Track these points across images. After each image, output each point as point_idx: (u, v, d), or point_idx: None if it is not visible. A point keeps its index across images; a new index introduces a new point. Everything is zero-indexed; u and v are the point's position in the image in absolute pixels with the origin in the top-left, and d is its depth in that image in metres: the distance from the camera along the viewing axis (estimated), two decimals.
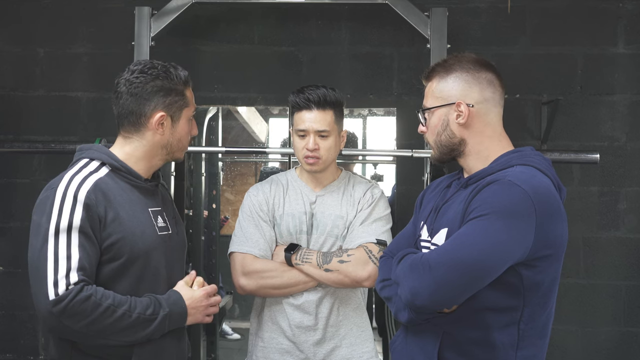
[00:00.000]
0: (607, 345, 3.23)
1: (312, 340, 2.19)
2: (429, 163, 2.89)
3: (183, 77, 1.85)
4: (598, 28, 3.23)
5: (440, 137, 1.70)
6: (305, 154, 2.19)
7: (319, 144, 2.18)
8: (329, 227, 2.22)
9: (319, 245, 2.22)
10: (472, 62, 1.69)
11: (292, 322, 2.19)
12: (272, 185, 2.30)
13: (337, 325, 2.21)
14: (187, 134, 1.90)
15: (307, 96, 2.18)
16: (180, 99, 1.85)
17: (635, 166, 3.23)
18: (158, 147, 1.85)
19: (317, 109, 2.18)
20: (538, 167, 1.62)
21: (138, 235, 1.76)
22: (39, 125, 3.32)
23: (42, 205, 1.72)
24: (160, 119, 1.82)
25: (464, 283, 1.51)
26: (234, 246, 2.23)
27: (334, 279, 2.14)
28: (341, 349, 2.20)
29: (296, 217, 2.23)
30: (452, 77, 1.68)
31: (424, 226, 1.75)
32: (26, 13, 3.33)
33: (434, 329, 1.63)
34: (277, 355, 2.20)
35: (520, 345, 1.58)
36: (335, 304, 2.21)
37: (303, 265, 2.16)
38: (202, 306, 1.85)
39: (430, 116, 1.71)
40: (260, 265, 2.18)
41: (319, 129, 2.18)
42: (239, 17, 3.30)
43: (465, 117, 1.65)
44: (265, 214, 2.24)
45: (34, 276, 1.67)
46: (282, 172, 2.38)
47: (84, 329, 1.66)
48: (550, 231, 1.54)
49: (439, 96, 1.69)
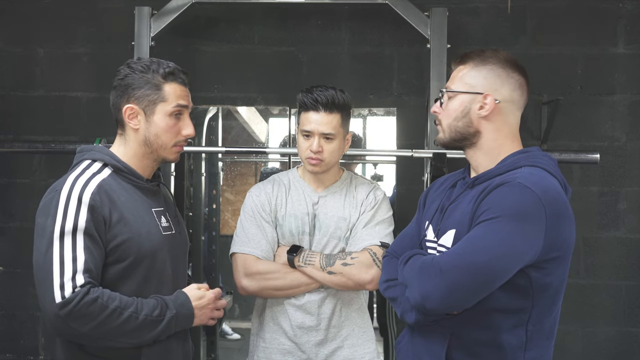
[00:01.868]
0: (607, 345, 3.23)
1: (314, 340, 2.19)
2: (429, 163, 2.88)
3: (162, 72, 1.80)
4: (598, 28, 3.23)
5: (458, 123, 1.67)
6: (308, 155, 2.18)
7: (323, 146, 2.17)
8: (331, 229, 2.21)
9: (321, 246, 2.21)
10: (509, 60, 1.68)
11: (294, 323, 2.19)
12: (274, 185, 2.28)
13: (339, 326, 2.20)
14: (165, 131, 1.81)
15: (315, 97, 2.15)
16: (154, 93, 1.79)
17: (635, 166, 3.24)
18: (139, 144, 1.82)
19: (324, 111, 2.15)
20: (546, 168, 1.61)
21: (144, 235, 1.76)
22: (39, 125, 3.32)
23: (46, 208, 1.71)
24: (129, 111, 1.79)
25: (475, 286, 1.51)
26: (236, 247, 2.22)
27: (337, 281, 2.14)
28: (343, 349, 2.20)
29: (299, 218, 2.22)
30: (487, 68, 1.66)
31: (429, 226, 1.74)
32: (26, 13, 3.33)
33: (442, 330, 1.62)
34: (279, 356, 2.20)
35: (528, 347, 1.58)
36: (337, 304, 2.20)
37: (306, 268, 2.15)
38: (209, 309, 1.85)
39: (452, 99, 1.69)
40: (263, 266, 2.17)
41: (324, 131, 2.16)
42: (239, 17, 3.30)
43: (489, 111, 1.64)
44: (267, 215, 2.23)
45: (40, 279, 1.66)
46: (284, 172, 2.37)
47: (90, 331, 1.65)
48: (559, 233, 1.54)
49: (468, 82, 1.67)
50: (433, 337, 1.64)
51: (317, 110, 2.16)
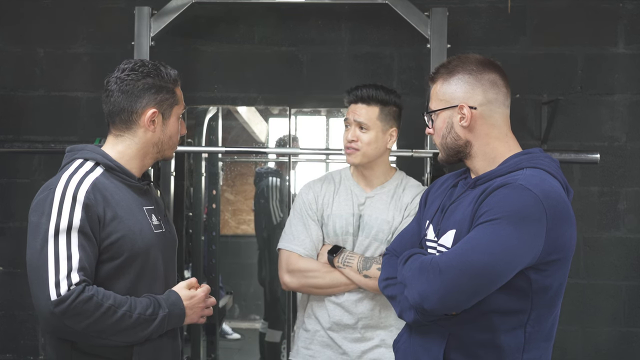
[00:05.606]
0: (607, 345, 3.23)
1: (351, 337, 2.24)
2: (429, 163, 2.88)
3: (173, 75, 1.86)
4: (598, 28, 3.23)
5: (446, 140, 1.68)
6: (345, 144, 2.26)
7: (359, 136, 2.23)
8: (374, 231, 2.24)
9: (363, 247, 2.25)
10: (475, 63, 1.67)
11: (332, 319, 2.24)
12: (324, 183, 2.34)
13: (376, 325, 2.25)
14: (177, 132, 1.90)
15: (355, 92, 2.27)
16: (171, 97, 1.85)
17: (635, 166, 3.24)
18: (150, 145, 1.85)
19: (362, 103, 2.25)
20: (547, 169, 1.60)
21: (137, 233, 1.77)
22: (39, 125, 3.32)
23: (40, 206, 1.71)
24: (152, 116, 1.82)
25: (473, 287, 1.51)
26: (282, 243, 2.29)
27: (371, 285, 2.18)
28: (380, 348, 2.24)
29: (343, 218, 2.26)
30: (455, 79, 1.67)
31: (429, 226, 1.74)
32: (26, 13, 3.33)
33: (440, 330, 1.62)
34: (319, 347, 2.26)
35: (527, 348, 1.58)
36: (376, 305, 2.24)
37: (344, 269, 2.21)
38: (199, 307, 1.86)
39: (436, 118, 1.70)
40: (304, 264, 2.24)
41: (357, 119, 2.23)
42: (239, 17, 3.30)
43: (469, 120, 1.64)
44: (314, 213, 2.29)
45: (34, 277, 1.67)
46: (337, 170, 2.42)
47: (85, 329, 1.66)
48: (560, 235, 1.53)
49: (442, 99, 1.68)
50: (431, 337, 1.64)
51: (356, 102, 2.26)
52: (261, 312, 3.60)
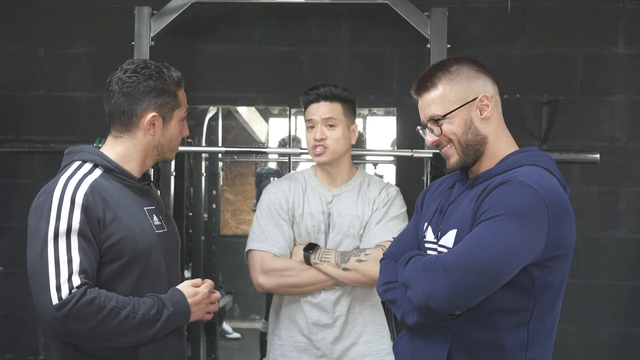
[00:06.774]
0: (607, 345, 3.23)
1: (329, 338, 2.22)
2: (429, 163, 2.88)
3: (176, 78, 1.84)
4: (598, 28, 3.23)
5: (467, 137, 1.65)
6: (313, 144, 2.25)
7: (326, 133, 2.23)
8: (345, 227, 2.25)
9: (336, 244, 2.25)
10: (468, 60, 1.69)
11: (309, 320, 2.22)
12: (290, 183, 2.32)
13: (354, 322, 2.24)
14: (178, 135, 1.88)
15: (316, 91, 2.26)
16: (172, 100, 1.83)
17: (635, 166, 3.24)
18: (149, 147, 1.84)
19: (325, 101, 2.25)
20: (545, 167, 1.61)
21: (138, 234, 1.76)
22: (39, 125, 3.31)
23: (39, 210, 1.70)
24: (152, 119, 1.80)
25: (479, 285, 1.50)
26: (253, 244, 2.25)
27: (352, 278, 2.18)
28: (358, 345, 2.23)
29: (314, 217, 2.26)
30: (463, 75, 1.66)
31: (428, 227, 1.74)
32: (26, 13, 3.33)
33: (443, 332, 1.61)
34: (295, 353, 2.23)
35: (529, 347, 1.58)
36: (352, 302, 2.24)
37: (322, 265, 2.19)
38: (204, 304, 1.85)
39: (450, 122, 1.66)
40: (280, 263, 2.21)
41: (325, 116, 2.23)
42: (239, 17, 3.30)
43: (492, 110, 1.64)
44: (284, 213, 2.27)
45: (35, 281, 1.66)
46: (299, 171, 2.42)
47: (88, 332, 1.65)
48: (561, 231, 1.54)
49: (455, 99, 1.65)
50: (434, 339, 1.63)
51: (317, 101, 2.26)
52: (261, 312, 3.60)
